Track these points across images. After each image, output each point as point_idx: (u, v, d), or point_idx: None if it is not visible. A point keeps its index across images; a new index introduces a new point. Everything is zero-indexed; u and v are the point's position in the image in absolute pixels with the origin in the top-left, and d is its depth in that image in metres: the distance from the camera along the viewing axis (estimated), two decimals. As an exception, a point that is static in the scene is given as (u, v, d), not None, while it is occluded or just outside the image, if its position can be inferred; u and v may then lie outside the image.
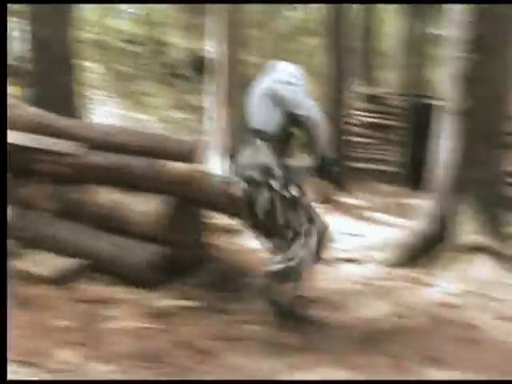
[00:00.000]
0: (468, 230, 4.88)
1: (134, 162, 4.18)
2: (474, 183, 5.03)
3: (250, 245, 5.44)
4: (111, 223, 4.17)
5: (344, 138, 12.78)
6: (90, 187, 4.29)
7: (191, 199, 4.20)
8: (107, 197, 4.22)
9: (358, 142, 14.30)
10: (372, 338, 3.38)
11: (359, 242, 5.86)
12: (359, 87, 16.93)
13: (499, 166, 5.26)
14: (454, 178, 5.11)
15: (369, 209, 8.05)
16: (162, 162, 4.15)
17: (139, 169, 4.15)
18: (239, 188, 3.54)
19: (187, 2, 13.10)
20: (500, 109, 5.23)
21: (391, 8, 20.34)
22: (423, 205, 5.42)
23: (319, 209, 7.09)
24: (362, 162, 13.60)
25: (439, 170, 5.25)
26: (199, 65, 13.51)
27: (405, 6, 15.17)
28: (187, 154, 4.26)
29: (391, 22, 29.61)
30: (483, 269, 4.57)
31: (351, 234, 6.20)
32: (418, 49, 15.94)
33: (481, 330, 3.61)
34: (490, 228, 4.91)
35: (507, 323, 3.76)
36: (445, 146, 5.21)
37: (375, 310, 3.88)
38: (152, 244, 4.02)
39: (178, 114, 15.47)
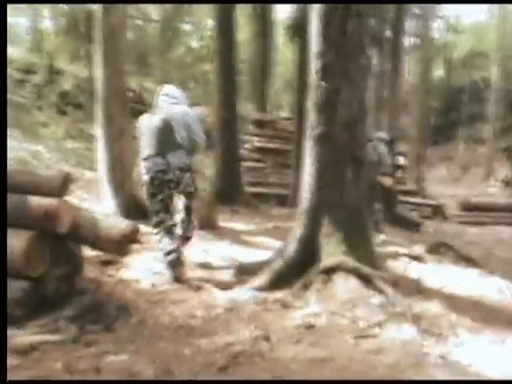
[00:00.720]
0: (335, 252, 5.12)
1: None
2: (338, 205, 5.30)
3: (127, 276, 5.53)
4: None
5: (240, 163, 13.05)
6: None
7: (58, 233, 4.21)
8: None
9: (253, 167, 14.62)
10: (233, 362, 3.51)
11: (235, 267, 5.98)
12: (252, 112, 17.37)
13: (362, 189, 5.56)
14: (317, 200, 5.36)
15: (253, 233, 8.24)
16: (26, 197, 4.15)
17: (3, 205, 4.13)
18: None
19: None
20: (358, 132, 5.53)
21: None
22: (293, 227, 5.63)
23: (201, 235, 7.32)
24: (257, 187, 13.89)
25: (304, 193, 5.50)
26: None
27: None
28: (56, 188, 4.27)
29: (286, 49, 30.53)
30: (346, 289, 4.80)
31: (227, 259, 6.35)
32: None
33: (338, 349, 3.81)
34: (355, 249, 5.18)
35: (365, 341, 3.99)
36: (309, 170, 5.47)
37: (238, 335, 4.00)
38: (17, 280, 4.02)
39: (71, 144, 15.28)
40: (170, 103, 5.80)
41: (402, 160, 16.72)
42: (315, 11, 5.48)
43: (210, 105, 14.83)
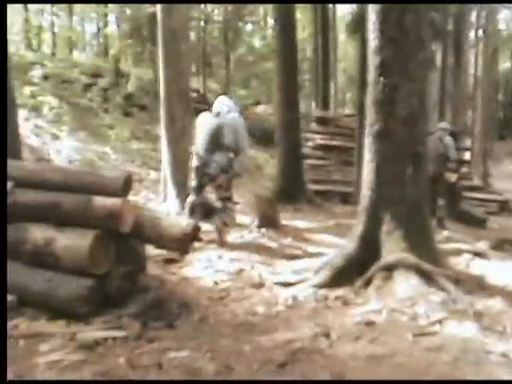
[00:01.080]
0: (395, 249, 5.07)
1: (61, 198, 4.30)
2: (398, 202, 5.24)
3: (190, 274, 5.62)
4: (43, 259, 4.27)
5: (302, 161, 13.05)
6: (23, 225, 4.39)
7: (121, 232, 4.31)
8: (39, 234, 4.32)
9: (316, 165, 14.59)
10: (292, 359, 3.52)
11: (297, 264, 6.00)
12: (314, 110, 17.30)
13: (423, 185, 5.48)
14: (377, 197, 5.32)
15: (315, 231, 8.23)
16: (91, 197, 4.26)
17: (67, 205, 4.26)
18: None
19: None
20: (417, 128, 5.46)
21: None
22: (354, 225, 5.60)
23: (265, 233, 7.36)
24: (320, 184, 13.86)
25: (365, 191, 5.47)
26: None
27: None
28: (118, 189, 4.36)
29: (349, 45, 30.29)
30: (407, 286, 4.75)
31: (291, 257, 6.37)
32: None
33: (397, 347, 3.77)
34: (416, 245, 5.12)
35: (425, 338, 3.94)
36: (369, 167, 5.44)
37: (300, 332, 4.01)
38: (82, 277, 4.13)
39: (137, 145, 15.59)
40: (224, 110, 7.09)
41: (467, 155, 16.33)
42: (372, 6, 5.44)
43: (273, 103, 14.88)
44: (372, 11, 5.45)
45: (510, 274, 5.97)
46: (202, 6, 21.05)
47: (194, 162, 7.20)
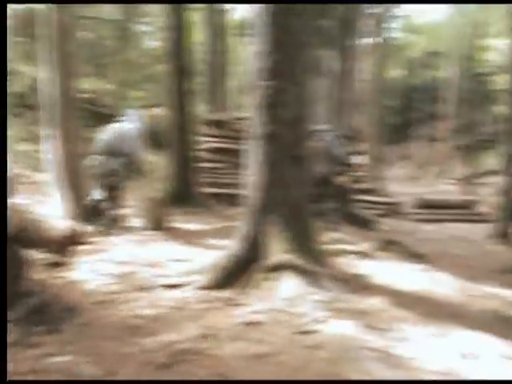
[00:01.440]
0: (279, 249, 5.21)
1: None
2: (281, 203, 5.39)
3: (75, 278, 5.53)
4: None
5: (194, 164, 13.04)
6: None
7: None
8: None
9: (209, 168, 14.62)
10: (175, 360, 3.57)
11: (183, 267, 6.01)
12: (206, 113, 17.35)
13: (306, 187, 5.66)
14: (261, 199, 5.45)
15: (205, 234, 8.28)
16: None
17: None
18: None
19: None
20: (301, 131, 5.63)
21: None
22: (239, 226, 5.70)
23: (152, 236, 7.36)
24: (213, 187, 13.90)
25: (249, 192, 5.58)
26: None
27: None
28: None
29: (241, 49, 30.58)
30: (290, 286, 4.89)
31: (177, 260, 6.38)
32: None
33: (279, 346, 3.90)
34: (299, 246, 5.28)
35: (306, 337, 4.09)
36: (253, 169, 5.56)
37: (184, 333, 4.06)
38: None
39: (23, 146, 15.11)
40: (123, 117, 8.29)
41: (359, 159, 16.87)
42: (258, 10, 5.53)
43: (165, 106, 14.78)
44: (257, 15, 5.54)
45: (393, 273, 6.27)
46: (96, 4, 20.62)
47: (91, 166, 7.95)
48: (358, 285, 5.51)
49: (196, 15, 22.89)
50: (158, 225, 8.10)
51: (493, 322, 5.06)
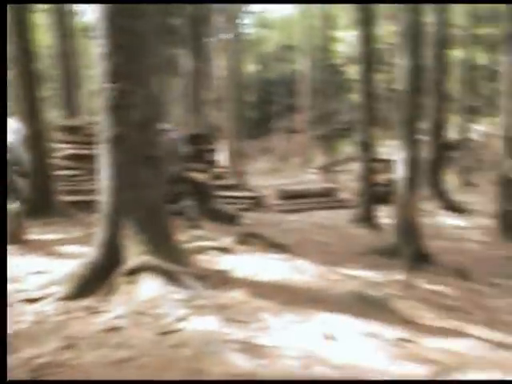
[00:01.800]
0: (137, 252, 5.18)
1: None
2: (136, 205, 5.36)
3: None
4: None
5: (51, 172, 12.59)
6: None
7: None
8: None
9: (67, 175, 14.19)
10: (36, 375, 3.47)
11: (43, 279, 5.83)
12: (60, 119, 16.82)
13: (160, 187, 5.66)
14: (113, 203, 5.41)
15: (65, 243, 8.06)
16: None
17: None
18: None
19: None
20: (152, 132, 5.62)
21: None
22: (96, 233, 5.61)
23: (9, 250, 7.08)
24: (72, 195, 13.50)
25: (103, 197, 5.50)
26: None
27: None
28: None
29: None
30: (150, 288, 4.88)
31: (37, 273, 6.18)
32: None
33: (142, 348, 3.88)
34: (157, 247, 5.27)
35: (169, 336, 4.10)
36: (105, 173, 5.48)
37: (43, 347, 3.94)
38: None
39: None
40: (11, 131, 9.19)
41: (217, 155, 17.04)
42: (100, 13, 5.45)
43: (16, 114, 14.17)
44: (100, 18, 5.46)
45: (254, 265, 6.41)
46: None
47: None
48: (219, 280, 5.60)
49: (42, 17, 22.12)
50: (15, 238, 7.76)
51: (352, 303, 5.33)
